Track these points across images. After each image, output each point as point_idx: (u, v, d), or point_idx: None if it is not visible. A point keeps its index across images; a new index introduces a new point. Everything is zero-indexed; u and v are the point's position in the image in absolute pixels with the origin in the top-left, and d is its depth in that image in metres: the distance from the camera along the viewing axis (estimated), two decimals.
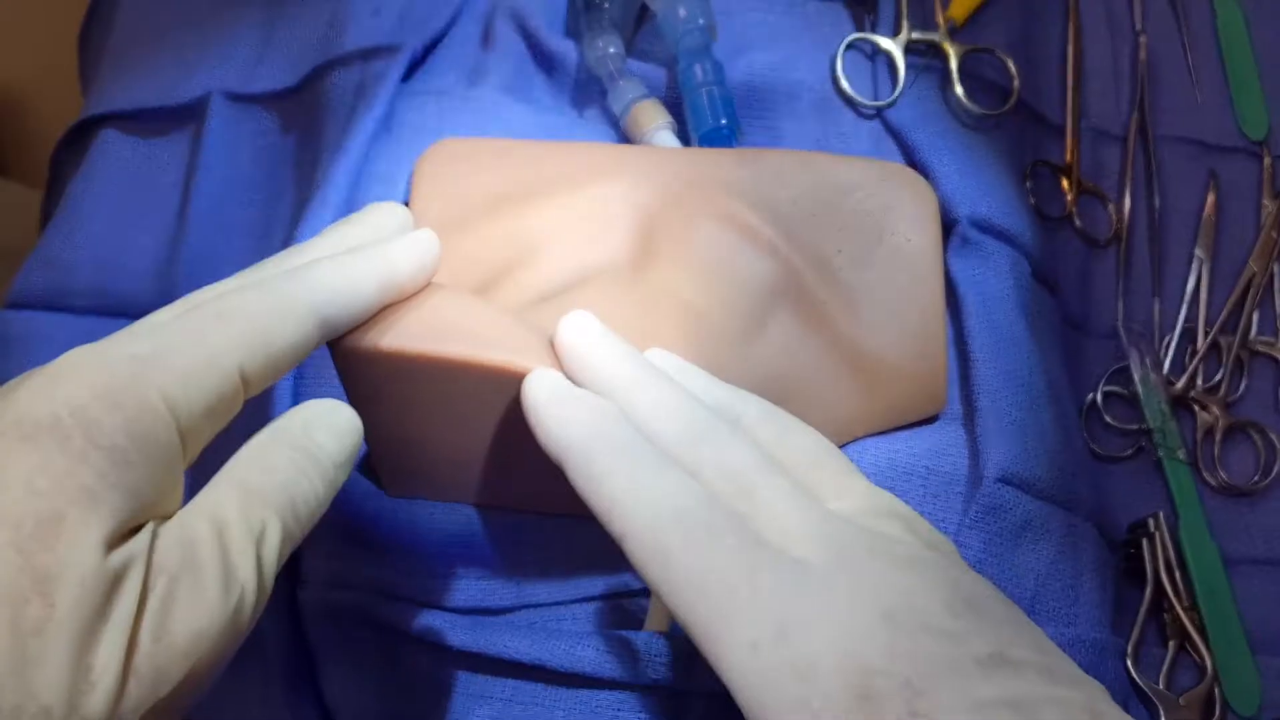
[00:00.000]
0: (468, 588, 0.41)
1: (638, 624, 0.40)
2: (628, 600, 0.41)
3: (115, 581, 0.24)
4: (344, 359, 0.34)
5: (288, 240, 0.45)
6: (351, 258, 0.32)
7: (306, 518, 0.29)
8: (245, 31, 0.55)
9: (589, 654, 0.38)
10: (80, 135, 0.56)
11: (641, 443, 0.30)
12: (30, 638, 0.23)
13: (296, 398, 0.43)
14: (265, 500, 0.28)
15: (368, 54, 0.49)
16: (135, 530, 0.26)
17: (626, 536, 0.28)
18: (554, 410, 0.31)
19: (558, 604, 0.41)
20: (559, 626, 0.41)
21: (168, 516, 0.27)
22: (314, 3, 0.54)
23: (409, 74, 0.49)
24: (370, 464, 0.41)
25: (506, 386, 0.34)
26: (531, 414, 0.31)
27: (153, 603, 0.25)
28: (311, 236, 0.34)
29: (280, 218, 0.50)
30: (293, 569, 0.41)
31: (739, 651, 0.26)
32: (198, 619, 0.25)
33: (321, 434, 0.30)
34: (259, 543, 0.27)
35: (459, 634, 0.39)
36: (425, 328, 0.34)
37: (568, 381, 0.32)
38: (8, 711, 0.22)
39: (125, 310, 0.51)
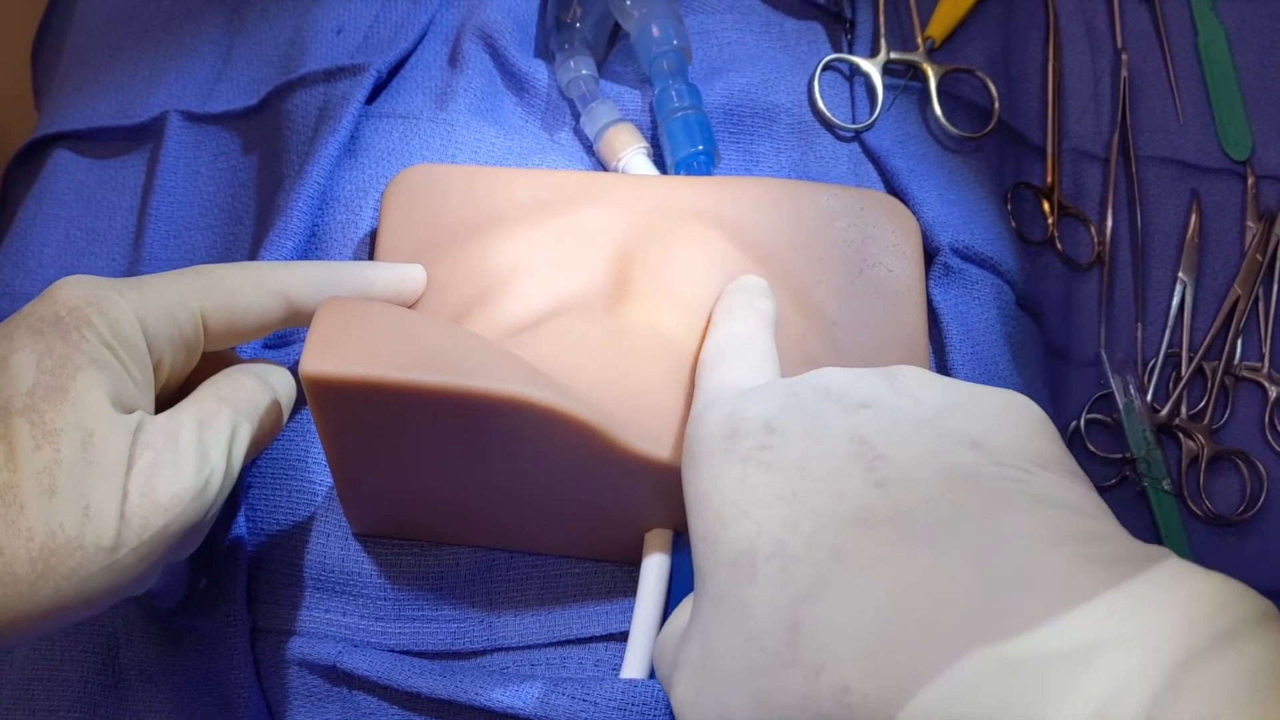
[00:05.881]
0: (437, 630, 0.40)
1: (615, 669, 0.39)
2: (605, 644, 0.40)
3: (108, 441, 0.30)
4: (315, 387, 0.33)
5: None
6: (335, 264, 0.38)
7: (269, 427, 0.36)
8: (204, 48, 0.53)
9: (563, 702, 0.37)
10: (33, 155, 0.54)
11: None
12: (43, 476, 0.29)
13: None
14: (237, 408, 0.34)
15: (331, 74, 0.48)
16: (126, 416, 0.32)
17: None
18: None
19: (531, 647, 0.40)
20: (533, 672, 0.39)
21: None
22: (275, 19, 0.52)
23: (374, 95, 0.47)
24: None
25: (492, 414, 0.33)
26: None
27: (140, 466, 0.31)
28: (272, 262, 0.38)
29: (241, 242, 0.48)
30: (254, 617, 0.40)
31: None
32: (176, 483, 0.31)
33: (272, 374, 0.37)
34: (230, 439, 0.33)
35: (428, 681, 0.38)
36: (402, 356, 0.33)
37: None
38: (42, 536, 0.29)
39: None
